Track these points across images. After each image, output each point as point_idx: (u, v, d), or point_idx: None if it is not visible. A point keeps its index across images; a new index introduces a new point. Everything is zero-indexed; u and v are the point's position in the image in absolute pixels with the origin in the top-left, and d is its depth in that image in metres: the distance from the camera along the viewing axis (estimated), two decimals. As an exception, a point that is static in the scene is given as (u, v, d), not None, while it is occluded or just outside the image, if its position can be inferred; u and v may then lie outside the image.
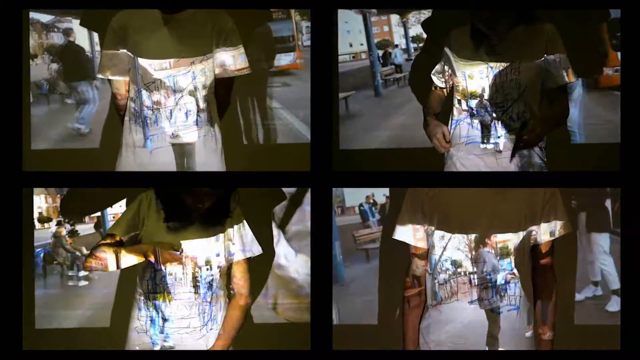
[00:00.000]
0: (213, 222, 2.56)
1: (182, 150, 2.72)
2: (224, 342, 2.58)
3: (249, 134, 3.43)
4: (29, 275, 3.19)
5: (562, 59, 2.60)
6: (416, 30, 3.28)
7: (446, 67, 2.73)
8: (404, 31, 3.29)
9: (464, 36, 2.65)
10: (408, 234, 2.52)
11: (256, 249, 2.66)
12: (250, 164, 3.07)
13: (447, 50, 2.71)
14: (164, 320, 2.55)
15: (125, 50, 2.69)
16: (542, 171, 2.66)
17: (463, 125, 2.67)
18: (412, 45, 3.29)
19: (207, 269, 2.55)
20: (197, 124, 2.71)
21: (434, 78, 2.78)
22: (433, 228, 2.48)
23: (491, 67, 2.61)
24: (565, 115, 2.73)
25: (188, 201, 2.50)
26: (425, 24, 3.17)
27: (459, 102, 2.68)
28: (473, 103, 2.64)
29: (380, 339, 3.15)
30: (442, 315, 2.46)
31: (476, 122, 2.64)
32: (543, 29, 2.60)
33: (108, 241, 2.54)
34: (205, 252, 2.55)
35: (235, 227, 2.61)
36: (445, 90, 2.77)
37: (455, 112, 2.71)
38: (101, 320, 3.23)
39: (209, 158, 2.75)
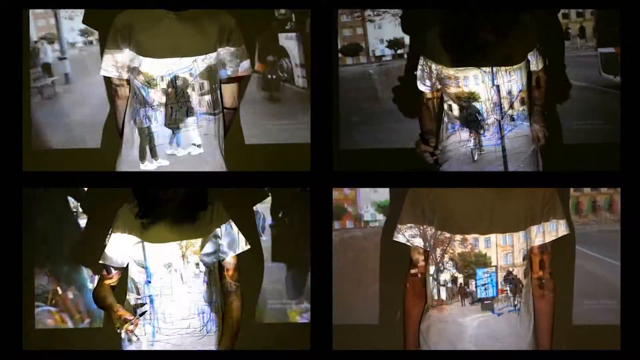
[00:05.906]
0: (189, 214, 2.54)
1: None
2: (227, 342, 2.59)
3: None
4: (29, 275, 3.19)
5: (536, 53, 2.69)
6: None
7: (427, 70, 2.69)
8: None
9: (438, 39, 2.61)
10: (408, 235, 2.53)
11: (244, 246, 2.67)
12: (250, 164, 3.07)
13: (425, 56, 2.68)
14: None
15: (128, 49, 2.69)
16: (542, 171, 2.67)
17: (457, 134, 2.67)
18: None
19: (198, 268, 2.55)
20: (198, 123, 2.71)
21: (420, 87, 2.73)
22: (433, 229, 2.48)
23: (484, 71, 2.61)
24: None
25: (159, 194, 2.50)
26: (405, 25, 3.11)
27: (450, 108, 2.68)
28: (467, 106, 2.64)
29: (381, 339, 3.15)
30: (443, 316, 2.47)
31: (469, 128, 2.65)
32: (525, 32, 2.61)
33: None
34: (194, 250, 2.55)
35: (222, 226, 2.61)
36: (434, 100, 2.74)
37: (447, 118, 2.70)
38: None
39: (209, 157, 2.75)
